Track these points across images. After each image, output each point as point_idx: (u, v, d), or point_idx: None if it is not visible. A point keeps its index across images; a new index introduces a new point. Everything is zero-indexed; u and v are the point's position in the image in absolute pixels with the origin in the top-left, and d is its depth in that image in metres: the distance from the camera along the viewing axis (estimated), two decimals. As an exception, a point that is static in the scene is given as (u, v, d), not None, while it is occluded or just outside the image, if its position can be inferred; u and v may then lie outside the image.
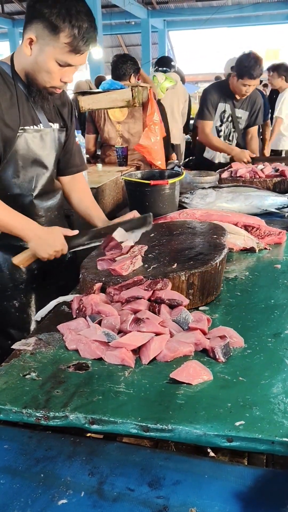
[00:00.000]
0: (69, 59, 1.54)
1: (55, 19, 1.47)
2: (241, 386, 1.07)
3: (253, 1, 14.58)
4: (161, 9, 15.92)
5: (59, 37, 1.49)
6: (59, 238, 1.66)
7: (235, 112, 3.77)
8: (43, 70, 1.58)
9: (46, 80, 1.61)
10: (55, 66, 1.56)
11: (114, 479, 0.88)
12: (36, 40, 1.53)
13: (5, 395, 1.07)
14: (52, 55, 1.53)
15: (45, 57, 1.54)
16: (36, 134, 1.73)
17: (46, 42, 1.52)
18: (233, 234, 1.98)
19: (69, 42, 1.50)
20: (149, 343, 1.18)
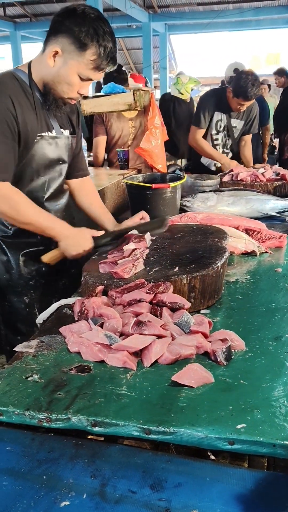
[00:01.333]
0: (91, 74, 1.64)
1: (83, 37, 1.56)
2: (242, 389, 1.08)
3: (254, 6, 14.61)
4: (163, 13, 15.96)
5: (86, 54, 1.59)
6: (87, 237, 1.74)
7: (231, 122, 3.78)
8: (64, 82, 1.66)
9: (65, 91, 1.68)
10: (77, 79, 1.65)
11: (116, 481, 0.88)
12: (62, 53, 1.61)
13: (7, 397, 1.07)
14: (76, 69, 1.62)
15: (68, 70, 1.63)
16: (52, 140, 1.80)
17: (71, 56, 1.60)
18: (234, 238, 1.98)
19: (94, 59, 1.60)
20: (150, 346, 1.19)
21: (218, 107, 3.73)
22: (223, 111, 3.73)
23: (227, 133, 3.82)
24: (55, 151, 1.83)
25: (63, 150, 1.86)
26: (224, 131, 3.81)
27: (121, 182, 3.18)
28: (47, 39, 1.65)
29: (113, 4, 11.99)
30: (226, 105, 3.68)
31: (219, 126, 3.78)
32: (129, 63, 20.19)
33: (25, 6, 14.97)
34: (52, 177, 1.87)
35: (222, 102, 3.69)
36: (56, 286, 2.00)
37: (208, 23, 14.58)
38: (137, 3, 14.16)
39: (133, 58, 20.12)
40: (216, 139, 3.84)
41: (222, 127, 3.79)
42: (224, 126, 3.78)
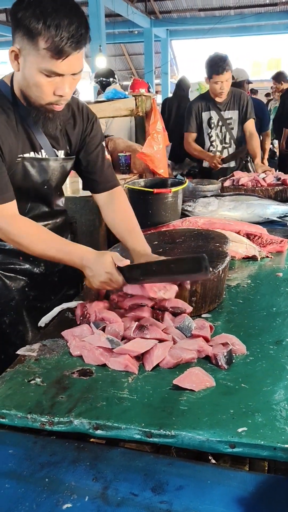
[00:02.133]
0: (53, 66, 1.29)
1: (30, 23, 1.24)
2: (243, 393, 1.08)
3: (255, 11, 14.69)
4: (164, 19, 16.05)
5: (38, 43, 1.26)
6: (105, 267, 1.37)
7: (223, 115, 3.83)
8: (32, 85, 1.36)
9: (38, 95, 1.37)
10: (42, 78, 1.32)
11: (118, 484, 0.89)
12: (19, 52, 1.32)
13: (10, 400, 1.08)
14: (35, 65, 1.30)
15: (30, 70, 1.32)
16: (35, 162, 1.55)
17: (27, 52, 1.29)
18: (235, 242, 1.99)
19: (48, 46, 1.25)
20: (152, 350, 1.20)
21: (204, 108, 3.84)
22: (211, 108, 3.82)
23: (224, 127, 3.85)
24: (40, 175, 1.58)
25: (49, 174, 1.61)
26: (218, 126, 3.85)
27: (123, 187, 3.20)
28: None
29: (115, 9, 12.07)
30: (212, 101, 3.79)
31: (212, 123, 3.84)
32: (130, 68, 20.28)
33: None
34: (34, 202, 1.65)
35: (207, 101, 3.80)
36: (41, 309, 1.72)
37: (210, 29, 14.66)
38: (139, 9, 14.24)
39: (134, 63, 20.21)
40: (211, 136, 3.90)
41: (215, 123, 3.84)
42: (217, 121, 3.83)
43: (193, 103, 3.96)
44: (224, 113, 3.81)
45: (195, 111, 3.87)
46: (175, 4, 15.31)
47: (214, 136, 3.88)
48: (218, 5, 14.87)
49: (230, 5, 14.46)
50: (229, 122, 3.83)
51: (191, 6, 15.24)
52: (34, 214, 1.65)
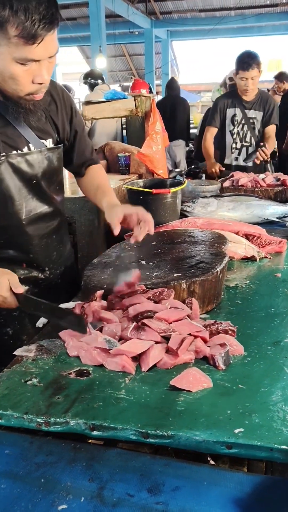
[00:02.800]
0: (28, 53, 1.23)
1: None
2: (240, 394, 1.08)
3: (256, 12, 14.70)
4: (165, 19, 16.06)
5: (8, 31, 1.18)
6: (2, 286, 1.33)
7: (247, 114, 3.84)
8: (7, 78, 1.29)
9: (15, 88, 1.32)
10: (17, 68, 1.26)
11: (114, 485, 0.88)
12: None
13: (6, 400, 1.08)
14: (8, 56, 1.23)
15: (3, 62, 1.25)
16: (21, 159, 1.51)
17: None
18: (234, 243, 1.99)
19: (20, 32, 1.18)
20: (148, 351, 1.19)
21: (229, 105, 3.88)
22: (236, 105, 3.85)
23: (246, 126, 3.87)
24: (28, 170, 1.54)
25: (39, 166, 1.57)
26: (240, 124, 3.88)
27: (122, 187, 3.20)
28: None
29: (115, 10, 12.08)
30: (238, 99, 3.82)
31: (236, 120, 3.88)
32: (131, 68, 20.30)
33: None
34: (27, 200, 1.59)
35: (234, 97, 3.85)
36: None
37: (210, 29, 14.69)
38: (140, 10, 14.25)
39: (135, 64, 20.22)
40: (233, 134, 3.94)
41: (238, 121, 3.87)
42: (240, 119, 3.86)
43: (220, 99, 4.02)
44: (248, 112, 3.84)
45: (220, 107, 3.92)
46: (176, 5, 15.33)
47: (235, 133, 3.91)
48: (219, 6, 14.89)
49: (231, 6, 14.48)
50: (252, 122, 3.86)
51: (191, 6, 15.26)
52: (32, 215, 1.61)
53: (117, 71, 20.34)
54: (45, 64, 1.29)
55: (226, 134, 3.96)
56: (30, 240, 1.64)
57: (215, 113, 3.95)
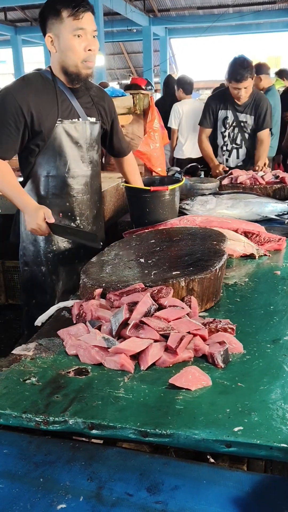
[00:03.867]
0: (78, 23, 1.84)
1: (52, 8, 1.85)
2: (239, 392, 1.08)
3: (254, 9, 14.67)
4: (163, 17, 16.02)
5: (62, 17, 1.84)
6: (37, 219, 1.88)
7: (239, 117, 3.80)
8: (69, 52, 1.88)
9: (74, 58, 1.89)
10: (74, 40, 1.85)
11: (113, 484, 0.88)
12: (53, 35, 1.88)
13: (5, 400, 1.07)
14: (67, 34, 1.85)
15: (64, 41, 1.87)
16: (71, 125, 2.03)
17: (59, 30, 1.86)
18: (233, 241, 1.98)
19: (69, 14, 1.83)
20: (147, 349, 1.19)
21: (222, 106, 3.81)
22: (228, 108, 3.79)
23: (237, 129, 3.83)
24: (75, 135, 2.05)
25: (83, 134, 2.07)
26: (232, 126, 3.84)
27: (120, 185, 3.19)
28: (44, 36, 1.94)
29: (113, 8, 12.04)
30: (231, 101, 3.74)
31: (227, 123, 3.83)
32: (129, 66, 20.26)
33: (25, 10, 15.04)
34: (73, 157, 2.07)
35: (226, 100, 3.76)
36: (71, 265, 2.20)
37: (208, 27, 14.66)
38: (138, 7, 14.21)
39: (133, 61, 20.18)
40: (224, 136, 3.90)
41: (230, 124, 3.82)
42: (232, 121, 3.81)
43: (211, 100, 3.95)
44: (240, 115, 3.78)
45: (211, 108, 3.86)
46: (174, 2, 15.30)
47: (227, 135, 3.87)
48: (217, 3, 14.85)
49: (229, 3, 14.44)
50: (243, 125, 3.82)
51: (189, 4, 15.22)
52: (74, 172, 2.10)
53: (115, 69, 20.29)
54: (91, 37, 1.89)
55: (218, 135, 3.91)
56: (70, 191, 2.13)
57: (207, 113, 3.89)
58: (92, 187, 2.22)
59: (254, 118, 3.78)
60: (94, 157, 2.19)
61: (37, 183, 2.08)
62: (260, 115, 3.77)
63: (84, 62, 1.91)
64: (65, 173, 2.08)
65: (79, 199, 2.16)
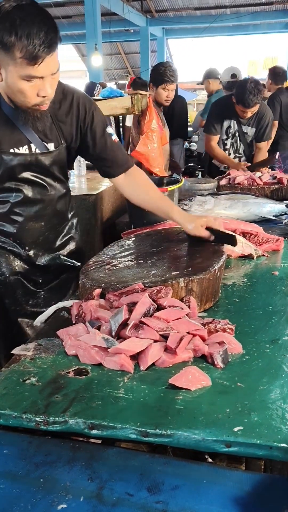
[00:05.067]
0: (32, 71, 1.41)
1: (2, 36, 1.36)
2: (239, 392, 1.08)
3: (252, 10, 14.70)
4: (160, 17, 16.03)
5: (14, 53, 1.37)
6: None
7: (242, 128, 3.80)
8: (16, 91, 1.48)
9: (23, 100, 1.50)
10: (24, 84, 1.44)
11: (114, 484, 0.88)
12: (0, 64, 1.44)
13: (5, 400, 1.07)
14: (16, 74, 1.42)
15: (12, 79, 1.44)
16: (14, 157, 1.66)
17: (6, 63, 1.41)
18: (232, 241, 1.99)
19: (23, 55, 1.37)
20: (147, 349, 1.19)
21: (226, 115, 3.80)
22: (232, 118, 3.79)
23: (238, 139, 3.84)
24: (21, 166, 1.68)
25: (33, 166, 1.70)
26: (235, 136, 3.84)
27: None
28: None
29: (111, 8, 12.05)
30: (234, 112, 3.72)
31: (229, 132, 3.84)
32: (127, 67, 20.26)
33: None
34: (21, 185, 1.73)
35: (230, 110, 3.74)
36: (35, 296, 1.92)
37: (206, 28, 14.67)
38: (135, 8, 14.23)
39: (131, 62, 20.18)
40: (225, 144, 3.91)
41: (232, 133, 3.83)
42: (234, 132, 3.82)
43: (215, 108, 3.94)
44: (243, 127, 3.79)
45: (215, 116, 3.86)
46: (171, 3, 15.31)
47: (228, 144, 3.88)
48: (214, 4, 14.87)
49: (226, 4, 14.47)
50: (245, 136, 3.83)
51: (187, 5, 15.24)
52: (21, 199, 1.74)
53: (113, 69, 20.29)
54: (48, 79, 1.46)
55: (219, 143, 3.93)
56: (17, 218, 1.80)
57: (214, 121, 3.86)
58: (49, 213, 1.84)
59: (255, 130, 3.80)
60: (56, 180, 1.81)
61: None
62: (262, 127, 3.78)
63: (36, 106, 1.52)
64: (11, 199, 1.74)
65: (29, 227, 1.81)
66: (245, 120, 3.75)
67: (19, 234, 1.81)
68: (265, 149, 3.90)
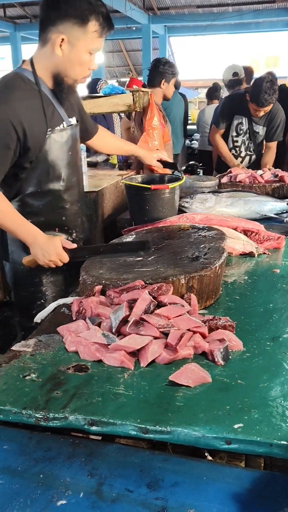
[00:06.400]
0: (98, 44, 1.70)
1: (81, 14, 1.62)
2: (239, 389, 1.08)
3: (254, 8, 14.64)
4: (162, 15, 15.97)
5: (88, 27, 1.64)
6: (55, 248, 1.68)
7: (253, 127, 3.77)
8: (76, 64, 1.70)
9: (79, 72, 1.73)
10: (87, 57, 1.70)
11: (113, 480, 0.88)
12: (67, 39, 1.64)
13: (5, 396, 1.07)
14: (84, 47, 1.67)
15: (78, 52, 1.67)
16: (60, 133, 1.84)
17: (77, 37, 1.65)
18: (233, 239, 1.98)
19: (97, 29, 1.65)
20: (147, 346, 1.19)
21: (238, 111, 3.77)
22: (244, 115, 3.75)
23: (249, 137, 3.82)
24: (65, 142, 1.87)
25: (71, 141, 1.90)
26: (246, 134, 3.82)
27: (120, 182, 3.19)
28: (44, 32, 1.69)
29: (112, 5, 12.00)
30: (247, 109, 3.69)
31: (240, 129, 3.80)
32: (128, 64, 20.21)
33: (25, 7, 14.96)
34: (66, 169, 1.90)
35: (243, 106, 3.71)
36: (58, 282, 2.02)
37: (208, 25, 14.62)
38: (137, 5, 14.18)
39: (132, 59, 20.13)
40: (236, 141, 3.88)
41: (243, 131, 3.80)
42: (246, 129, 3.79)
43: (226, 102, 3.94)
44: (255, 126, 3.76)
45: (226, 110, 3.85)
46: (173, 1, 15.26)
47: (240, 142, 3.86)
48: (216, 2, 14.81)
49: (228, 2, 14.41)
50: (255, 135, 3.81)
51: (189, 2, 15.18)
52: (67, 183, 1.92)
53: (115, 67, 20.25)
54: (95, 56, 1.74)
55: (229, 138, 3.89)
56: (64, 204, 1.95)
57: (223, 115, 3.84)
58: (79, 195, 2.05)
59: (266, 129, 3.76)
60: (78, 162, 2.02)
61: (27, 201, 1.86)
62: (273, 127, 3.74)
63: (83, 78, 1.79)
64: (60, 187, 1.90)
65: (72, 210, 2.00)
66: (257, 119, 3.72)
67: (66, 220, 1.98)
68: (274, 149, 3.86)
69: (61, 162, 1.86)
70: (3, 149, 1.68)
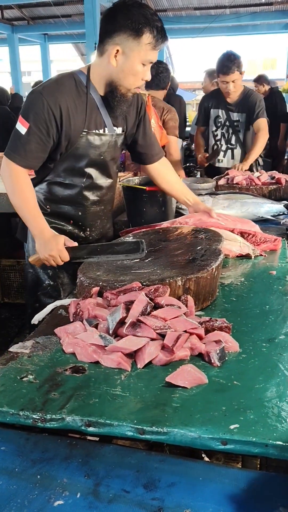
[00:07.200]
0: (151, 56, 1.76)
1: (136, 26, 1.69)
2: (235, 390, 1.09)
3: (251, 11, 14.69)
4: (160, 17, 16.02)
5: (142, 40, 1.70)
6: (57, 245, 1.72)
7: (231, 116, 3.80)
8: (130, 75, 1.78)
9: (131, 82, 1.80)
10: (140, 68, 1.77)
11: (110, 481, 0.89)
12: (122, 50, 1.72)
13: (2, 397, 1.08)
14: (138, 58, 1.74)
15: (132, 63, 1.75)
16: (97, 137, 1.92)
17: (131, 48, 1.72)
18: (229, 241, 1.99)
19: (150, 41, 1.71)
20: (144, 348, 1.19)
21: (213, 105, 3.86)
22: (220, 107, 3.83)
23: (228, 129, 3.85)
24: (99, 147, 1.94)
25: (105, 147, 1.96)
26: (225, 126, 3.85)
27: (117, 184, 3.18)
28: (102, 43, 1.78)
29: (110, 7, 11.99)
30: (222, 100, 3.78)
31: (218, 122, 3.86)
32: (126, 66, 20.23)
33: (22, 9, 14.96)
34: (92, 170, 1.98)
35: (219, 98, 3.81)
36: None
37: (205, 28, 14.65)
38: (135, 7, 14.15)
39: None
40: (216, 135, 3.94)
41: (221, 123, 3.84)
42: (223, 121, 3.82)
43: (205, 98, 4.03)
44: (233, 115, 3.78)
45: (204, 106, 3.92)
46: (171, 3, 15.28)
47: (219, 135, 3.89)
48: (214, 4, 14.84)
49: (226, 4, 14.44)
50: (236, 125, 3.82)
51: (186, 4, 15.21)
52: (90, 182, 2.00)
53: (112, 69, 20.27)
54: (149, 68, 1.81)
55: (209, 134, 3.96)
56: (84, 202, 2.05)
57: (201, 112, 3.98)
58: (107, 198, 2.13)
59: (246, 115, 3.77)
60: (114, 169, 2.10)
61: (51, 188, 2.01)
62: (250, 109, 3.72)
63: (136, 88, 1.86)
64: (82, 183, 1.99)
65: (92, 209, 2.09)
66: (233, 107, 3.77)
67: (82, 217, 2.08)
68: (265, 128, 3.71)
69: (88, 161, 1.94)
70: (44, 137, 1.80)
